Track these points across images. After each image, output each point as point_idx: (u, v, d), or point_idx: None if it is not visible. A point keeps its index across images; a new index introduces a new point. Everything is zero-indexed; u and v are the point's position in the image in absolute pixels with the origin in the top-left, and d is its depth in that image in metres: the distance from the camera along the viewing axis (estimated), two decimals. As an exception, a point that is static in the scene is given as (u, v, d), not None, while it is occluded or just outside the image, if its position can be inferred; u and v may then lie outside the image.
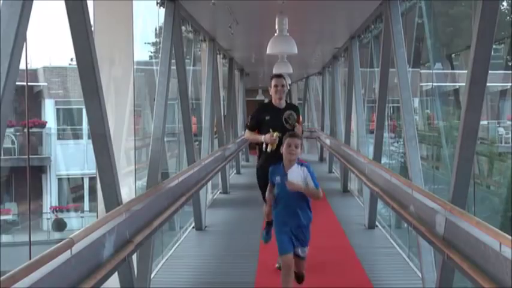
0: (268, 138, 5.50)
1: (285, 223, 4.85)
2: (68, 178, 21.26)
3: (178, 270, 7.11)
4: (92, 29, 4.41)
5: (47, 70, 22.06)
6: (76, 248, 3.44)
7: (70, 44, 4.21)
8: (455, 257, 4.01)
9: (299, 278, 5.01)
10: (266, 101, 6.95)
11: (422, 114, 17.18)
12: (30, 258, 3.00)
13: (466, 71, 4.81)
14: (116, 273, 4.46)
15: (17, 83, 3.16)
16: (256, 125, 5.82)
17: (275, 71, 11.93)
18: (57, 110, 22.07)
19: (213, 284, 6.48)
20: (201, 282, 6.58)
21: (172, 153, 11.40)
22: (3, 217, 18.64)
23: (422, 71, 17.51)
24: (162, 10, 7.23)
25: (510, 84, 17.62)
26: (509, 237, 3.32)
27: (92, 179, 18.92)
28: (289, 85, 5.92)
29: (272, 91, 5.79)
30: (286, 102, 5.89)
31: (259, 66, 17.36)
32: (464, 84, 4.91)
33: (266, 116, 5.75)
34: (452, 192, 4.63)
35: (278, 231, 4.87)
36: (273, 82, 5.78)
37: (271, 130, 5.51)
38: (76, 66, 4.37)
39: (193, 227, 9.38)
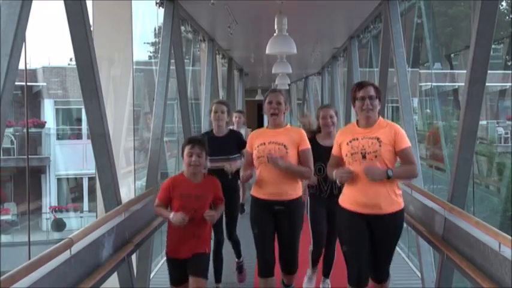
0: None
1: None
2: (67, 178, 21.24)
3: (177, 270, 7.09)
4: (91, 29, 4.41)
5: (46, 70, 22.04)
6: (75, 248, 3.44)
7: (69, 43, 4.21)
8: (454, 257, 4.01)
9: None
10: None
11: (421, 114, 17.19)
12: (29, 258, 3.01)
13: (465, 71, 4.81)
14: (115, 273, 4.47)
15: (16, 83, 3.15)
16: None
17: (274, 70, 11.95)
18: (57, 110, 22.05)
19: (213, 284, 6.47)
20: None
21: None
22: (2, 217, 18.63)
23: (421, 71, 17.52)
24: (162, 10, 7.23)
25: (509, 84, 17.64)
26: (509, 237, 3.32)
27: (91, 179, 18.91)
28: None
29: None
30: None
31: (258, 66, 17.35)
32: (463, 84, 4.91)
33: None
34: (452, 192, 4.63)
35: None
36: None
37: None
38: (75, 66, 4.37)
39: (192, 227, 9.36)
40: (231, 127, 7.78)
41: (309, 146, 4.28)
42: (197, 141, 4.05)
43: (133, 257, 5.06)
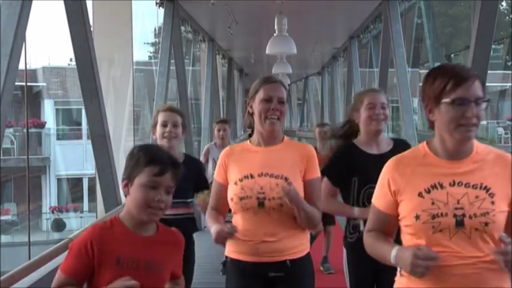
0: None
1: None
2: (67, 178, 21.25)
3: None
4: (91, 29, 4.42)
5: (46, 70, 22.06)
6: (75, 248, 3.43)
7: (69, 43, 4.22)
8: (454, 256, 4.00)
9: None
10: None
11: (421, 114, 17.21)
12: (29, 259, 3.01)
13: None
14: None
15: (16, 83, 3.16)
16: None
17: (274, 71, 11.95)
18: (57, 110, 22.07)
19: (213, 284, 6.48)
20: (201, 282, 6.57)
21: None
22: (2, 217, 18.64)
23: (421, 71, 17.54)
24: (162, 10, 7.25)
25: (509, 84, 17.67)
26: (509, 237, 3.31)
27: (91, 179, 18.91)
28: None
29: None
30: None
31: (258, 67, 17.37)
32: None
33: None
34: (452, 192, 4.62)
35: None
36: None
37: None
38: (75, 66, 4.38)
39: (192, 227, 9.37)
40: (213, 142, 5.33)
41: (319, 173, 2.49)
42: (171, 162, 1.84)
43: (134, 257, 5.06)
